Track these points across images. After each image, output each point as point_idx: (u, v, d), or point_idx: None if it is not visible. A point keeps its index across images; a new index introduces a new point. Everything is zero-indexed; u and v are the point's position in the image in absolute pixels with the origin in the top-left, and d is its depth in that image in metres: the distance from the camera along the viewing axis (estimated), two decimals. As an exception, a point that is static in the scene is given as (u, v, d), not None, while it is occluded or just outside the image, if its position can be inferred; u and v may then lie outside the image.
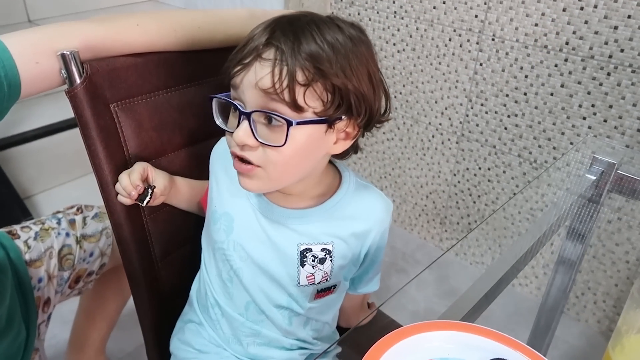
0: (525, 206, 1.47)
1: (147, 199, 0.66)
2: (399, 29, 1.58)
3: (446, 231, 1.74)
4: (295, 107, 0.52)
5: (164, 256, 0.76)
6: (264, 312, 0.68)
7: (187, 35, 0.70)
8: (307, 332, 0.72)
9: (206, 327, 0.74)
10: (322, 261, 0.64)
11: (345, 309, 0.80)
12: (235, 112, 0.57)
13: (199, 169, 0.74)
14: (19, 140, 1.76)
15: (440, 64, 1.52)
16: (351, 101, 0.55)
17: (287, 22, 0.54)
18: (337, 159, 0.65)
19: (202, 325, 0.74)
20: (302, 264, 0.64)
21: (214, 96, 0.58)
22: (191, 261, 0.78)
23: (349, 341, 0.59)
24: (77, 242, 0.89)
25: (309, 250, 0.64)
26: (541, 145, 1.40)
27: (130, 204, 0.68)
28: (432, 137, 1.63)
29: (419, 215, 1.80)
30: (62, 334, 1.16)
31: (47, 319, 0.87)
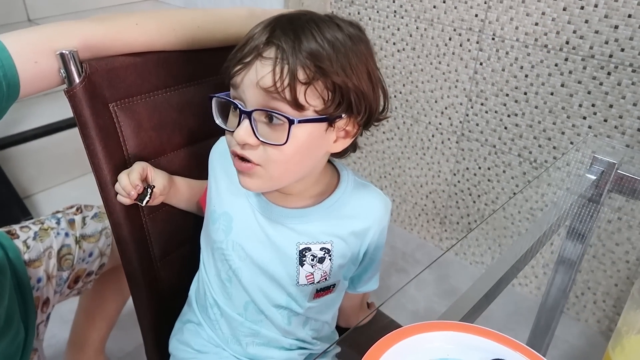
0: (525, 206, 1.47)
1: (147, 199, 0.66)
2: (398, 28, 1.58)
3: (446, 231, 1.74)
4: (296, 105, 0.52)
5: (163, 256, 0.76)
6: (263, 312, 0.68)
7: (186, 34, 0.70)
8: (306, 332, 0.72)
9: (205, 327, 0.73)
10: (321, 260, 0.64)
11: (344, 308, 0.80)
12: (235, 111, 0.57)
13: (198, 169, 0.74)
14: (19, 139, 1.76)
15: (440, 63, 1.52)
16: (351, 99, 0.55)
17: (287, 20, 0.54)
18: (336, 157, 0.65)
19: (201, 325, 0.74)
20: (301, 264, 0.64)
21: (214, 95, 0.58)
22: (190, 261, 0.78)
23: (349, 341, 0.59)
24: (77, 242, 0.89)
25: (308, 249, 0.64)
26: (541, 144, 1.39)
27: (129, 204, 0.68)
28: (432, 136, 1.63)
29: (419, 214, 1.80)
30: (62, 334, 1.16)
31: (46, 319, 0.87)
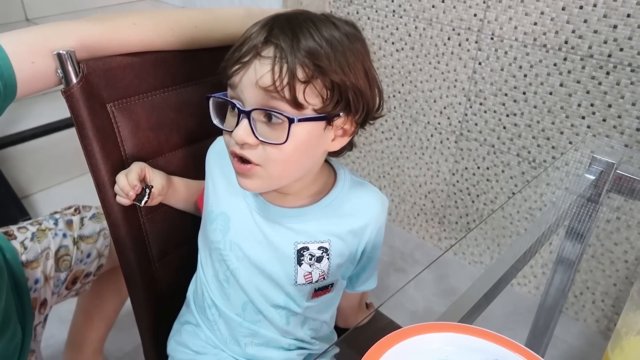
0: (524, 206, 1.47)
1: (145, 199, 0.66)
2: (397, 28, 1.58)
3: (445, 230, 1.74)
4: (295, 104, 0.52)
5: (161, 257, 0.76)
6: (261, 312, 0.68)
7: (184, 34, 0.70)
8: (305, 332, 0.72)
9: (203, 328, 0.73)
10: (319, 259, 0.64)
11: (343, 309, 0.80)
12: (232, 111, 0.57)
13: (196, 169, 0.74)
14: (17, 139, 1.76)
15: (439, 63, 1.52)
16: (349, 97, 0.55)
17: (285, 20, 0.54)
18: (333, 156, 0.65)
19: (199, 326, 0.74)
20: (299, 263, 0.64)
21: (211, 95, 0.58)
22: (188, 262, 0.77)
23: (348, 342, 0.59)
24: (75, 243, 0.89)
25: (306, 248, 0.63)
26: (540, 144, 1.39)
27: (128, 205, 0.67)
28: (431, 136, 1.63)
29: (418, 214, 1.79)
30: (60, 334, 1.16)
31: (43, 321, 0.87)
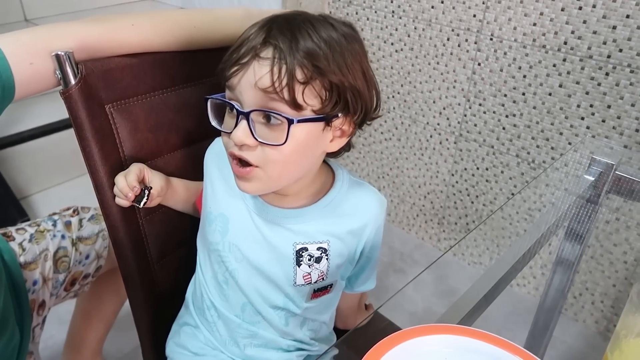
0: (523, 206, 1.47)
1: (144, 200, 0.66)
2: (397, 29, 1.58)
3: (444, 231, 1.74)
4: (294, 105, 0.52)
5: (160, 258, 0.76)
6: (260, 313, 0.68)
7: (183, 35, 0.69)
8: (304, 333, 0.72)
9: (202, 329, 0.73)
10: (318, 260, 0.64)
11: (342, 310, 0.80)
12: (231, 112, 0.57)
13: (195, 170, 0.74)
14: (16, 140, 1.76)
15: (438, 63, 1.52)
16: (348, 98, 0.55)
17: (283, 20, 0.54)
18: (331, 157, 0.65)
19: (198, 327, 0.74)
20: (298, 264, 0.64)
21: (209, 97, 0.58)
22: (187, 263, 0.77)
23: (347, 343, 0.59)
24: (73, 244, 0.89)
25: (305, 249, 0.63)
26: (539, 145, 1.39)
27: (127, 206, 0.67)
28: (430, 137, 1.63)
29: (417, 215, 1.79)
30: (59, 335, 1.16)
31: (42, 322, 0.87)
